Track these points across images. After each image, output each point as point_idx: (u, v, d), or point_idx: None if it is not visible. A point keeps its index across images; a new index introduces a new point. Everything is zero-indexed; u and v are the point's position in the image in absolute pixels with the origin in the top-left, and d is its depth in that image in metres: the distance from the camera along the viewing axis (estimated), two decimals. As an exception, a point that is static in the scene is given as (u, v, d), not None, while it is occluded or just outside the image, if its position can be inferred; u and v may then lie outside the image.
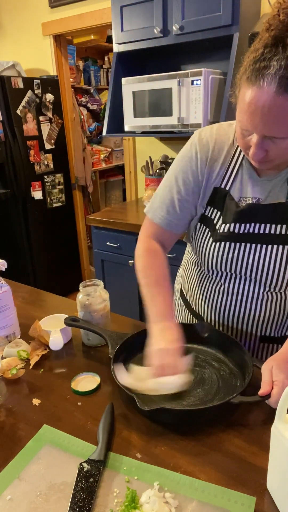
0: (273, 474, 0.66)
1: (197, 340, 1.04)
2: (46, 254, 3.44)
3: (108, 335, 1.02)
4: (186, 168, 1.01)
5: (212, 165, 0.98)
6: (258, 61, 0.73)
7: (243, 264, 0.97)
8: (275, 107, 0.73)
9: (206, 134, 1.00)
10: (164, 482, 0.69)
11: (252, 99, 0.75)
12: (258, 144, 0.81)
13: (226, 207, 0.97)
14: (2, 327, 1.10)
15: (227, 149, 0.98)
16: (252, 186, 0.96)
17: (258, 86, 0.73)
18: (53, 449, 0.77)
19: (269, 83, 0.72)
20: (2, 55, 3.57)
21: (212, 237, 0.99)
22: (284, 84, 0.71)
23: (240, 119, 0.81)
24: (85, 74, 4.43)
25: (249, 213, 0.94)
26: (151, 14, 2.16)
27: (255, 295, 1.00)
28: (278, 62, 0.71)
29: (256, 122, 0.77)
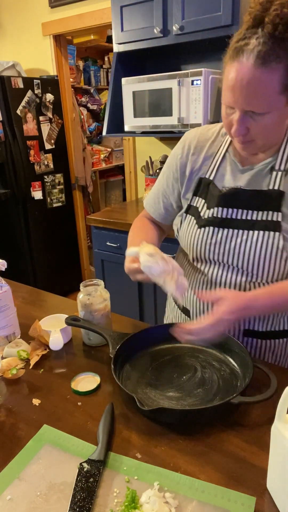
0: (273, 474, 0.66)
1: (197, 340, 1.04)
2: (46, 254, 3.44)
3: (109, 334, 1.02)
4: (171, 164, 1.12)
5: (194, 159, 1.06)
6: (239, 40, 0.80)
7: (225, 250, 0.99)
8: (253, 80, 0.79)
9: (191, 133, 1.10)
10: (164, 482, 0.69)
11: (233, 74, 0.81)
12: (240, 120, 0.86)
13: (209, 194, 1.03)
14: (2, 327, 1.10)
15: (209, 144, 1.06)
16: (234, 175, 1.00)
17: (238, 61, 0.80)
18: (53, 449, 0.77)
19: (248, 57, 0.78)
20: (2, 55, 3.57)
21: (197, 224, 1.03)
22: (261, 58, 0.77)
23: (224, 97, 0.87)
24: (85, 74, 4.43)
25: (230, 198, 0.99)
26: (151, 14, 2.16)
27: (238, 285, 1.00)
28: (257, 40, 0.77)
29: (236, 96, 0.83)
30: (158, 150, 2.84)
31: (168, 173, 1.13)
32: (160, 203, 1.17)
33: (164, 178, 1.15)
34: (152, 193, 1.20)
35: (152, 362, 0.99)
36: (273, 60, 0.78)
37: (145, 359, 1.00)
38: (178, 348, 1.03)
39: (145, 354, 1.02)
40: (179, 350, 1.03)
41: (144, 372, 0.95)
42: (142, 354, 1.02)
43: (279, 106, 0.83)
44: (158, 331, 1.06)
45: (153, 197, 1.20)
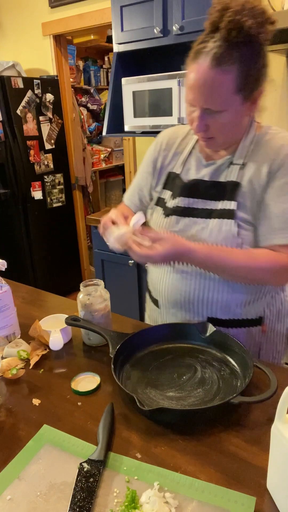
0: (273, 474, 0.66)
1: (197, 340, 1.04)
2: (46, 254, 3.44)
3: (109, 334, 1.02)
4: (146, 160, 1.22)
5: (165, 155, 1.16)
6: (199, 44, 0.89)
7: (186, 237, 1.03)
8: (209, 79, 0.87)
9: (165, 132, 1.20)
10: (164, 482, 0.69)
11: (192, 73, 0.90)
12: (200, 117, 0.94)
13: (175, 185, 1.12)
14: (2, 327, 1.10)
15: (179, 141, 1.15)
16: (198, 169, 1.09)
17: (196, 62, 0.88)
18: (53, 449, 0.77)
19: (205, 59, 0.87)
20: (2, 55, 3.57)
21: (164, 213, 1.12)
22: (216, 59, 0.85)
23: (186, 95, 0.95)
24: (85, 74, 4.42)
25: (191, 188, 1.08)
26: (151, 14, 2.15)
27: (200, 273, 1.06)
28: (214, 43, 0.86)
29: (195, 95, 0.91)
30: (158, 150, 2.84)
31: (143, 168, 1.23)
32: (136, 196, 1.26)
33: (140, 172, 1.25)
34: (130, 188, 1.30)
35: (152, 362, 0.99)
36: (227, 61, 0.86)
37: (145, 359, 1.00)
38: (178, 348, 1.03)
39: (145, 354, 1.02)
40: (179, 350, 1.03)
41: (144, 372, 0.95)
42: (142, 354, 1.02)
43: (234, 105, 0.91)
44: (158, 331, 1.07)
45: (131, 190, 1.29)
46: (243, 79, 0.88)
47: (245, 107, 0.94)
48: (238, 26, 0.83)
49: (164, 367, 0.97)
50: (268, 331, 1.13)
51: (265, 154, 0.99)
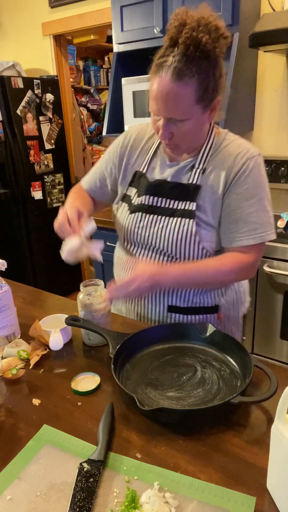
0: (273, 474, 0.66)
1: (197, 340, 1.04)
2: (46, 254, 3.44)
3: (109, 334, 1.02)
4: (112, 151, 1.25)
5: (131, 152, 1.20)
6: (159, 58, 0.95)
7: (149, 233, 1.13)
8: (171, 92, 0.93)
9: (134, 128, 1.25)
10: (164, 482, 0.69)
11: (155, 86, 0.95)
12: (164, 126, 1.00)
13: (140, 184, 1.17)
14: (2, 327, 1.10)
15: (145, 140, 1.19)
16: (162, 169, 1.15)
17: (158, 76, 0.94)
18: (53, 449, 0.77)
19: (166, 73, 0.92)
20: (2, 55, 3.57)
21: (129, 209, 1.17)
22: (176, 73, 0.91)
23: (150, 105, 1.00)
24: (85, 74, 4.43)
25: (156, 188, 1.13)
26: (151, 14, 2.16)
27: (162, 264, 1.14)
28: (174, 57, 0.91)
29: (159, 106, 0.97)
30: (158, 150, 2.84)
31: (108, 158, 1.26)
32: (97, 182, 1.29)
33: (104, 161, 1.27)
34: (91, 172, 1.32)
35: (152, 362, 0.99)
36: (187, 75, 0.91)
37: (145, 359, 1.00)
38: (178, 348, 1.03)
39: (145, 354, 1.02)
40: (179, 350, 1.03)
41: (144, 372, 0.95)
42: (142, 354, 1.02)
43: (196, 114, 0.98)
44: (158, 331, 1.07)
45: (91, 176, 1.31)
46: (203, 90, 0.95)
47: (206, 115, 1.01)
48: (195, 42, 0.90)
49: (164, 367, 0.97)
50: (224, 318, 1.23)
51: (224, 161, 1.07)
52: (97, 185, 1.29)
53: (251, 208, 1.06)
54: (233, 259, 1.09)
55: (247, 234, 1.06)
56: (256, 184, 1.06)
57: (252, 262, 1.09)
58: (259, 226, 1.06)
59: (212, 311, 1.19)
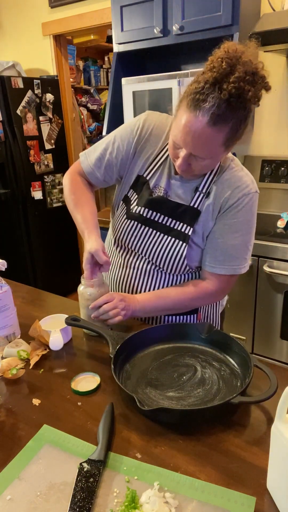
0: (273, 474, 0.66)
1: (197, 340, 1.04)
2: (46, 254, 3.44)
3: (109, 334, 1.02)
4: (124, 137, 1.17)
5: (143, 146, 1.15)
6: (198, 93, 0.90)
7: (142, 244, 1.15)
8: (203, 135, 0.92)
9: (153, 118, 1.17)
10: (164, 482, 0.69)
11: (188, 123, 0.93)
12: (184, 158, 0.99)
13: (142, 193, 1.15)
14: (2, 327, 1.10)
15: (162, 140, 1.14)
16: (168, 180, 1.14)
17: (194, 114, 0.91)
18: (53, 449, 0.77)
19: (203, 115, 0.90)
20: (2, 55, 3.57)
21: (126, 214, 1.17)
22: (213, 119, 0.90)
23: (175, 134, 0.98)
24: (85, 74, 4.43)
25: (157, 203, 1.13)
26: (151, 14, 2.16)
27: (148, 271, 1.18)
28: (213, 99, 0.88)
29: (187, 142, 0.95)
30: (158, 150, 2.84)
31: (120, 145, 1.17)
32: (101, 169, 1.20)
33: (115, 148, 1.17)
34: (94, 154, 1.21)
35: (152, 362, 0.99)
36: (222, 122, 0.91)
37: (145, 359, 1.00)
38: (178, 348, 1.03)
39: (145, 354, 1.02)
40: (179, 350, 1.03)
41: (144, 372, 0.95)
42: (142, 354, 1.02)
43: (219, 153, 0.99)
44: (158, 331, 1.07)
45: (96, 160, 1.20)
46: (232, 135, 0.95)
47: (226, 153, 1.03)
48: (240, 93, 0.87)
49: (164, 367, 0.97)
50: (203, 318, 1.27)
51: (222, 191, 1.09)
52: (101, 173, 1.21)
53: (233, 241, 1.10)
54: (195, 289, 1.15)
55: (222, 264, 1.12)
56: (245, 221, 1.10)
57: (215, 291, 1.15)
58: (235, 259, 1.12)
59: (192, 312, 1.23)
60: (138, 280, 1.20)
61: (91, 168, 1.21)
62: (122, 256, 1.23)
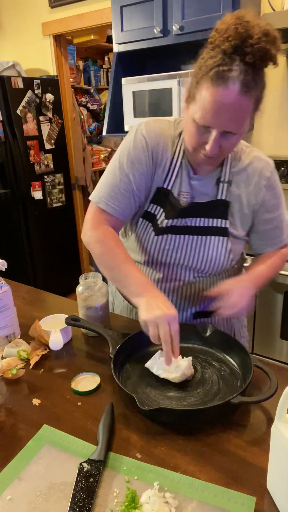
0: (273, 474, 0.66)
1: (197, 340, 1.04)
2: (46, 254, 3.44)
3: (109, 334, 1.02)
4: (135, 157, 1.04)
5: (158, 157, 1.06)
6: (220, 65, 0.85)
7: (182, 254, 1.09)
8: (237, 105, 0.87)
9: (154, 127, 1.06)
10: (164, 482, 0.69)
11: (219, 97, 0.86)
12: (216, 139, 0.92)
13: (169, 205, 1.07)
14: (2, 327, 1.10)
15: (170, 145, 1.06)
16: (189, 183, 1.07)
17: (224, 87, 0.85)
18: (53, 449, 0.77)
19: (234, 84, 0.85)
20: (2, 55, 3.57)
21: (154, 231, 1.09)
22: (245, 85, 0.85)
23: (200, 116, 0.90)
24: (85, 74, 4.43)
25: (189, 210, 1.07)
26: (151, 14, 2.16)
27: (189, 279, 1.12)
28: (239, 66, 0.84)
29: (219, 119, 0.89)
30: (158, 150, 2.84)
31: (134, 169, 1.03)
32: (124, 201, 1.05)
33: (128, 172, 1.03)
34: (107, 189, 1.05)
35: (152, 362, 0.99)
36: (253, 87, 0.86)
37: (145, 359, 1.00)
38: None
39: (145, 354, 1.02)
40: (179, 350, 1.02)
41: (144, 372, 0.95)
42: (142, 354, 1.01)
43: (246, 126, 0.94)
44: (158, 331, 1.06)
45: (113, 193, 1.05)
46: (258, 102, 0.91)
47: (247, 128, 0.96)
48: (263, 53, 0.84)
49: (164, 367, 0.97)
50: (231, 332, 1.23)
51: (249, 177, 1.07)
52: (125, 204, 1.06)
53: (282, 214, 1.13)
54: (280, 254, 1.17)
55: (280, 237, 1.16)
56: (280, 192, 1.12)
57: None
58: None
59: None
60: (183, 292, 1.14)
61: (112, 204, 1.05)
62: (158, 268, 1.13)
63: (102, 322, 1.13)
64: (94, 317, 1.11)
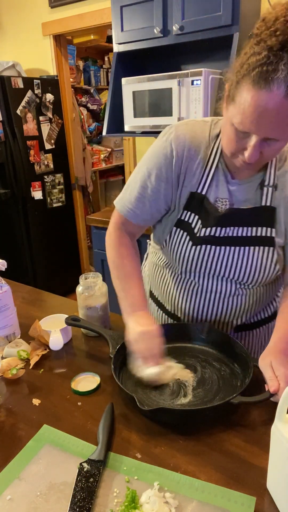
0: (273, 474, 0.66)
1: (197, 340, 1.04)
2: (46, 254, 3.44)
3: (109, 334, 1.02)
4: (161, 165, 0.99)
5: (188, 163, 0.98)
6: (264, 65, 0.74)
7: (222, 265, 1.01)
8: (281, 110, 0.75)
9: (183, 131, 0.98)
10: (164, 482, 0.69)
11: (261, 102, 0.75)
12: (257, 146, 0.82)
13: (205, 211, 0.99)
14: (2, 327, 1.10)
15: (203, 148, 0.97)
16: (227, 188, 0.98)
17: (267, 90, 0.74)
18: (53, 449, 0.77)
19: (279, 87, 0.73)
20: (2, 55, 3.57)
21: (191, 240, 1.01)
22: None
23: (240, 121, 0.80)
24: (85, 74, 4.42)
25: (229, 218, 0.98)
26: (151, 14, 2.15)
27: (230, 292, 1.05)
28: (286, 67, 0.72)
29: (260, 124, 0.78)
30: (158, 150, 2.84)
31: (159, 175, 1.00)
32: (146, 207, 1.03)
33: (152, 179, 1.00)
34: (132, 195, 1.04)
35: (152, 362, 0.99)
36: None
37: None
38: (178, 348, 1.03)
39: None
40: (179, 350, 1.02)
41: (144, 372, 0.95)
42: (142, 354, 1.01)
43: None
44: (158, 331, 1.06)
45: (136, 201, 1.03)
46: None
47: None
48: None
49: (164, 367, 0.97)
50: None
51: None
52: (146, 211, 1.04)
53: None
54: None
55: None
56: None
57: None
58: None
59: (274, 317, 1.14)
60: (225, 305, 1.07)
61: (134, 212, 1.04)
62: (195, 280, 1.07)
63: (102, 322, 1.13)
64: (94, 317, 1.12)
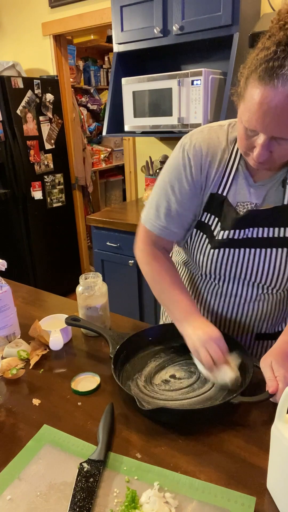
0: (273, 474, 0.66)
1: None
2: (46, 254, 3.44)
3: (109, 335, 1.02)
4: (181, 177, 0.98)
5: (207, 171, 0.96)
6: (271, 60, 0.71)
7: (242, 268, 0.98)
8: (286, 108, 0.72)
9: (198, 139, 0.97)
10: (164, 482, 0.69)
11: (265, 99, 0.73)
12: (265, 145, 0.79)
13: (224, 213, 0.96)
14: (2, 327, 1.10)
15: (220, 153, 0.96)
16: (248, 190, 0.95)
17: (272, 86, 0.71)
18: (53, 449, 0.77)
19: (284, 84, 0.70)
20: (2, 55, 3.57)
21: (210, 243, 0.99)
22: None
23: (247, 119, 0.78)
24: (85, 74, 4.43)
25: (248, 219, 0.94)
26: (151, 14, 2.15)
27: (252, 296, 1.02)
28: None
29: (266, 123, 0.75)
30: (158, 150, 2.84)
31: (180, 188, 0.98)
32: (176, 222, 1.01)
33: (176, 193, 0.99)
34: (160, 212, 1.02)
35: (152, 362, 0.99)
36: None
37: (145, 359, 1.00)
38: (178, 348, 1.03)
39: (145, 354, 1.02)
40: (179, 350, 1.02)
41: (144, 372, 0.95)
42: (142, 354, 1.02)
43: None
44: (158, 331, 1.07)
45: (165, 217, 1.01)
46: None
47: None
48: None
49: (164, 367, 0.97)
50: None
51: None
52: (178, 225, 1.02)
53: None
54: None
55: None
56: None
57: None
58: None
59: None
60: (246, 310, 1.04)
61: (165, 228, 1.02)
62: (216, 282, 1.04)
63: (102, 322, 1.13)
64: (94, 317, 1.12)
